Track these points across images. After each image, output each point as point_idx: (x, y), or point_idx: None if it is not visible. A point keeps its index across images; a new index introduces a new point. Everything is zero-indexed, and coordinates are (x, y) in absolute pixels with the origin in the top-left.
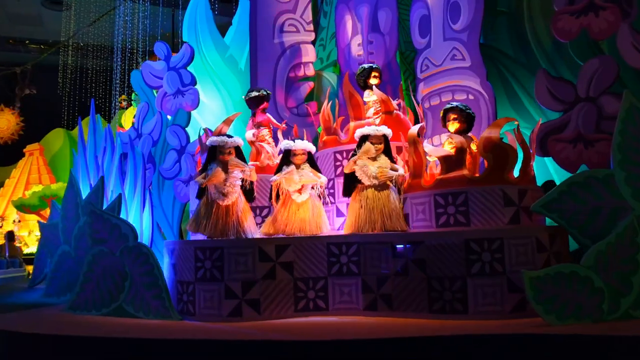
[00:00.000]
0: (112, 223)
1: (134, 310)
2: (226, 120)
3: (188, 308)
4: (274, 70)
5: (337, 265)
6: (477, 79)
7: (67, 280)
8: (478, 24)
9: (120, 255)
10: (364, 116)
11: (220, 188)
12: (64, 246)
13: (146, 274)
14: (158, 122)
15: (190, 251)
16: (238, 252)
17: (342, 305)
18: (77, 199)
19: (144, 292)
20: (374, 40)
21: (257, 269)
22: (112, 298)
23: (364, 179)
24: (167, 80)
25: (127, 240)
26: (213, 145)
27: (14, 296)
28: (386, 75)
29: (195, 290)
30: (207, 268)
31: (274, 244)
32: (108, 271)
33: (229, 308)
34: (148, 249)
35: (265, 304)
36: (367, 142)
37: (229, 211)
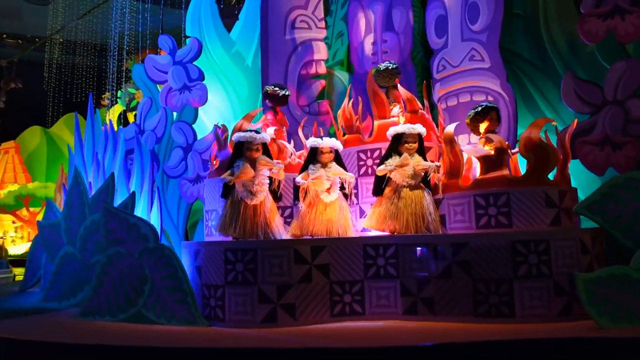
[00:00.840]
0: (130, 222)
1: (154, 316)
2: (246, 116)
3: (216, 313)
4: (286, 67)
5: (374, 267)
6: (497, 81)
7: (71, 284)
8: (498, 25)
9: (139, 257)
10: (388, 115)
11: (248, 186)
12: (67, 247)
13: (169, 277)
14: (162, 118)
15: (219, 253)
16: (272, 253)
17: (379, 309)
18: (83, 196)
19: (166, 296)
20: (388, 39)
21: (292, 271)
22: (129, 303)
23: (398, 178)
24: (173, 74)
25: (147, 241)
26: (240, 141)
27: (7, 301)
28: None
29: (225, 295)
30: (238, 271)
31: (309, 245)
32: (125, 274)
33: (263, 313)
34: (171, 250)
35: (301, 309)
36: (404, 155)
37: (256, 211)
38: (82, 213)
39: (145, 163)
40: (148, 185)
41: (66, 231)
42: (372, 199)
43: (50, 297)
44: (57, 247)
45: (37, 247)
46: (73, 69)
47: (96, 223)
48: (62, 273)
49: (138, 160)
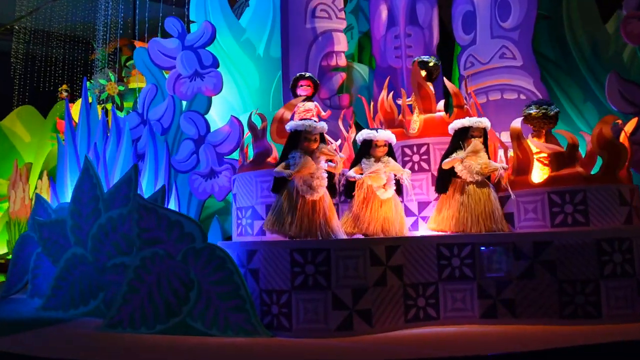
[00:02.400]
0: (171, 220)
1: (203, 326)
2: (288, 105)
3: (280, 322)
4: (306, 56)
5: (449, 268)
6: (529, 79)
7: (81, 290)
8: (531, 23)
9: (183, 259)
10: (434, 109)
11: (308, 180)
12: (75, 248)
13: (222, 282)
14: (170, 108)
15: (284, 254)
16: (347, 254)
17: (454, 313)
18: (96, 190)
19: (218, 303)
20: (413, 33)
21: (368, 274)
22: (170, 312)
23: (465, 174)
24: (182, 60)
25: (193, 241)
26: (297, 130)
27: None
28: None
29: (292, 301)
30: (308, 274)
31: (384, 245)
32: (164, 279)
33: (338, 320)
34: (223, 250)
35: (377, 315)
36: (474, 139)
37: (315, 207)
38: (95, 209)
39: (159, 155)
40: (164, 180)
41: (74, 230)
42: (419, 196)
43: (52, 305)
44: (61, 249)
45: (24, 249)
46: (39, 59)
47: (115, 221)
48: (68, 278)
49: (151, 151)
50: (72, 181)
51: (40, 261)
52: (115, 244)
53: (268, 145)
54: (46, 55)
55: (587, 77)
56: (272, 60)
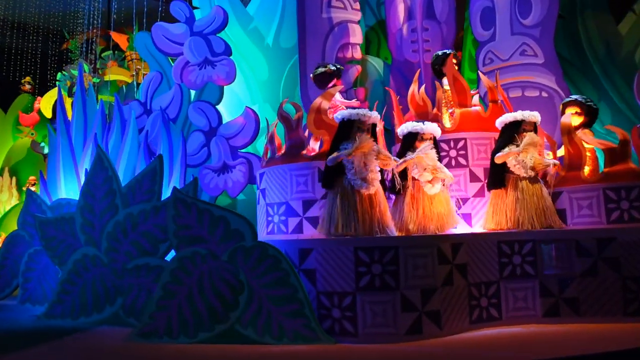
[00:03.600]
0: (215, 215)
1: (255, 333)
2: (326, 94)
3: (343, 327)
4: (323, 47)
5: (510, 266)
6: (551, 77)
7: (95, 296)
8: (552, 20)
9: (230, 259)
10: (469, 103)
11: (361, 173)
12: (86, 249)
13: (276, 284)
14: (176, 97)
15: (347, 252)
16: (416, 252)
17: (516, 312)
18: (112, 183)
19: (272, 308)
20: (430, 27)
21: (436, 273)
22: (216, 318)
23: (518, 170)
24: (191, 47)
25: (242, 239)
26: (351, 119)
27: None
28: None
29: (357, 303)
30: (375, 274)
31: (449, 242)
32: (207, 281)
33: (407, 323)
34: (277, 249)
35: (445, 316)
36: (530, 134)
37: (372, 203)
38: (111, 205)
39: (174, 147)
40: (179, 174)
41: (84, 228)
42: (458, 192)
43: (57, 312)
44: (68, 249)
45: (13, 249)
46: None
47: (135, 218)
48: (77, 282)
49: (165, 143)
50: (65, 175)
51: (33, 263)
52: (135, 243)
53: (303, 136)
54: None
55: (601, 76)
56: (282, 50)
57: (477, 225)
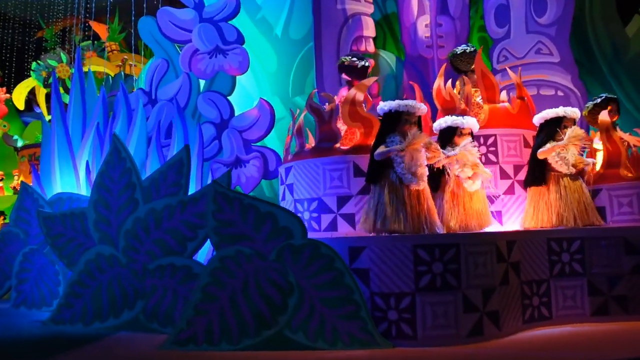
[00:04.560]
0: (261, 211)
1: (306, 338)
2: (360, 86)
3: (401, 330)
4: (338, 38)
5: (559, 264)
6: (567, 76)
7: (111, 299)
8: (568, 20)
9: (278, 258)
10: (498, 99)
11: (411, 167)
12: (100, 247)
13: (330, 285)
14: (185, 86)
15: (404, 250)
16: (476, 250)
17: (565, 311)
18: (131, 176)
19: (324, 311)
20: (443, 23)
21: (495, 271)
22: (262, 323)
23: (560, 166)
24: (200, 34)
25: (291, 236)
26: (399, 111)
27: None
28: None
29: (417, 304)
30: (436, 273)
31: (505, 239)
32: (252, 283)
33: (469, 325)
34: (330, 248)
35: (503, 317)
36: (574, 127)
37: (420, 198)
38: (130, 200)
39: (191, 138)
40: (196, 167)
41: (98, 225)
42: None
43: (66, 317)
44: (79, 248)
45: (4, 248)
46: None
47: (158, 214)
48: (90, 284)
49: (180, 135)
50: (61, 168)
51: (28, 263)
52: (159, 241)
53: (336, 129)
54: None
55: (609, 77)
56: (291, 41)
57: (510, 223)
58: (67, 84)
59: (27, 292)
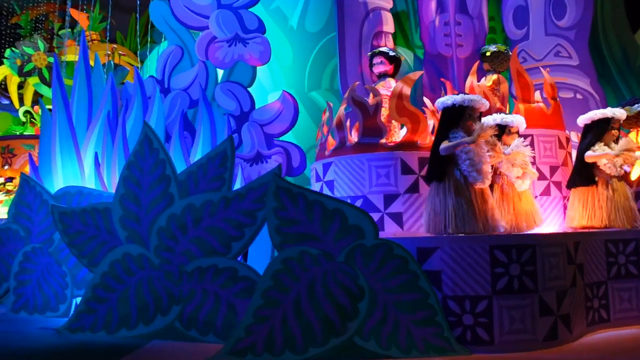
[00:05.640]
0: (328, 209)
1: (378, 346)
2: (406, 79)
3: (477, 335)
4: (360, 33)
5: (616, 266)
6: (586, 79)
7: (140, 305)
8: (587, 24)
9: (347, 260)
10: (533, 98)
11: (477, 165)
12: (128, 246)
13: (403, 288)
14: (201, 76)
15: (480, 251)
16: (550, 251)
17: (622, 314)
18: (164, 168)
19: (398, 316)
20: (462, 21)
21: (566, 273)
22: (331, 330)
23: (609, 169)
24: (218, 21)
25: (362, 236)
26: (462, 105)
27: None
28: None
29: (494, 308)
30: (513, 275)
31: (572, 240)
32: (319, 287)
33: (545, 329)
34: (403, 248)
35: (574, 320)
36: (627, 139)
37: (484, 197)
38: (164, 195)
39: (218, 133)
40: None
41: (125, 222)
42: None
43: (87, 324)
44: (102, 247)
45: (1, 247)
46: None
47: (198, 211)
48: (116, 287)
49: (207, 125)
50: (63, 160)
51: (30, 263)
52: (198, 241)
53: (381, 123)
54: None
55: (620, 82)
56: (307, 34)
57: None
58: (44, 74)
59: (28, 296)
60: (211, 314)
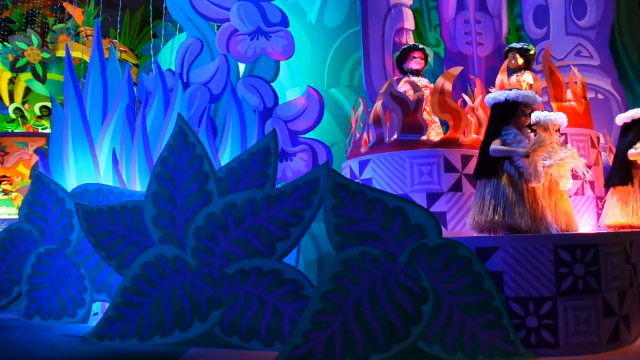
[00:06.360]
0: (389, 206)
1: (443, 351)
2: (447, 75)
3: (541, 337)
4: (382, 29)
5: None
6: (607, 79)
7: (176, 311)
8: (608, 24)
9: (410, 260)
10: (565, 97)
11: (535, 163)
12: (162, 248)
13: (469, 290)
14: (221, 70)
15: (544, 251)
16: (612, 251)
17: None
18: (202, 164)
19: (463, 319)
20: (482, 20)
21: (625, 273)
22: (393, 335)
23: None
24: (239, 13)
25: (425, 236)
26: (516, 101)
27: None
28: (497, 61)
29: (558, 309)
30: (578, 275)
31: (629, 240)
32: (381, 289)
33: (608, 330)
34: (467, 248)
35: (634, 320)
36: None
37: (536, 196)
38: (201, 192)
39: (247, 126)
40: None
41: (159, 221)
42: None
43: (116, 331)
44: (132, 248)
45: (13, 249)
46: None
47: (239, 210)
48: (148, 292)
49: (236, 120)
50: (76, 156)
51: (44, 266)
52: (240, 241)
53: (422, 120)
54: None
55: (635, 83)
56: (326, 29)
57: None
58: (37, 70)
59: (42, 300)
60: (255, 319)
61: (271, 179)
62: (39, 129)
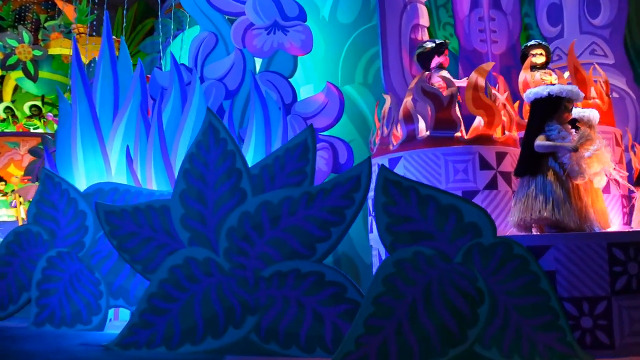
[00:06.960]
0: (442, 204)
1: (500, 354)
2: (480, 70)
3: (597, 338)
4: (399, 26)
5: None
6: (622, 78)
7: (206, 315)
8: (622, 23)
9: (465, 261)
10: (590, 95)
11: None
12: (192, 250)
13: (525, 291)
14: (237, 65)
15: (598, 249)
16: None
17: None
18: (234, 161)
19: (520, 321)
20: (496, 17)
21: None
22: (448, 338)
23: None
24: (256, 6)
25: (479, 235)
26: (560, 96)
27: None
28: (511, 60)
29: (613, 309)
30: (632, 274)
31: None
32: (436, 291)
33: None
34: (523, 247)
35: None
36: None
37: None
38: (234, 191)
39: (272, 122)
40: None
41: (188, 222)
42: None
43: (142, 339)
44: (159, 250)
45: (21, 252)
46: None
47: (276, 209)
48: (177, 297)
49: (260, 117)
50: (85, 154)
51: (55, 270)
52: (277, 242)
53: (456, 116)
54: None
55: None
56: (339, 26)
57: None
58: (28, 67)
59: (54, 307)
60: (294, 324)
61: (309, 176)
62: (31, 129)
